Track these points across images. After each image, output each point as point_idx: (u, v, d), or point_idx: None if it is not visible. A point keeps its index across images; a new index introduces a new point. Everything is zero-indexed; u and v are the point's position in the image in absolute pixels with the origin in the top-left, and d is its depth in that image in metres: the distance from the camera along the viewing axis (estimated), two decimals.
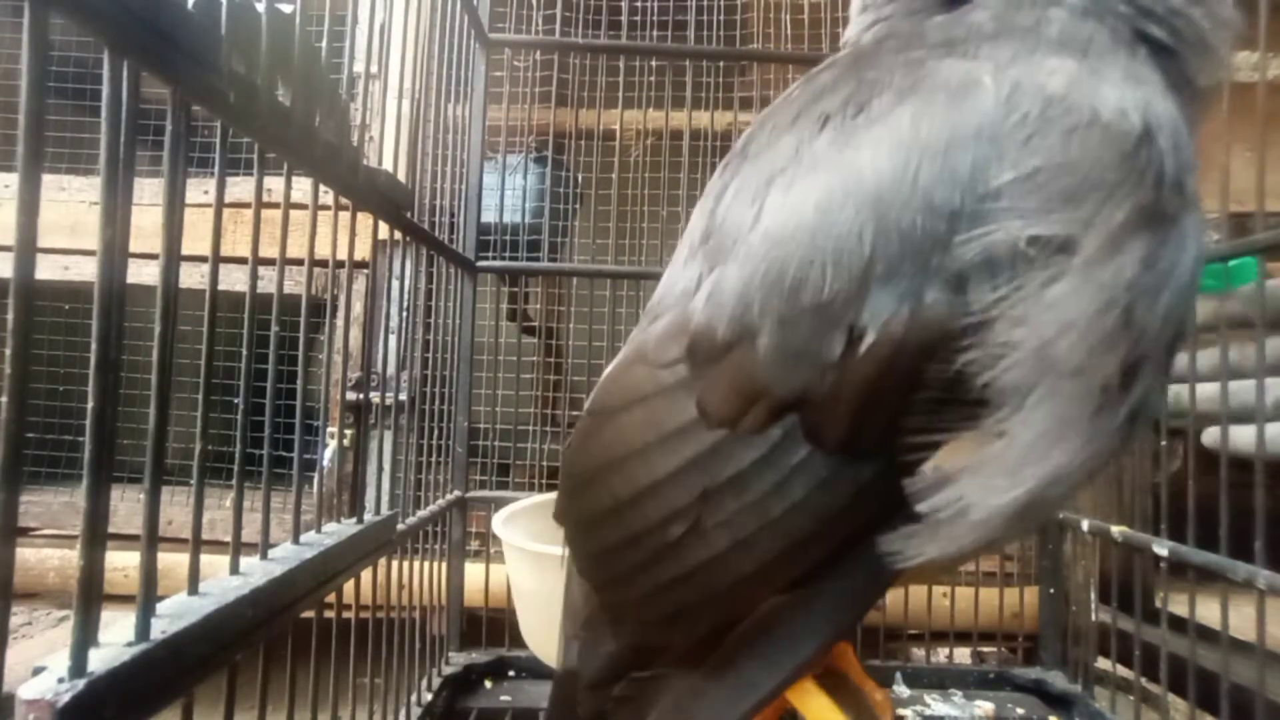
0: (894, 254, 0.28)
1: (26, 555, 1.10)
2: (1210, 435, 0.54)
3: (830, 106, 0.32)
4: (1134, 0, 0.32)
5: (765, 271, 0.31)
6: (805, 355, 0.30)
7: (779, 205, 0.32)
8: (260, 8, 0.32)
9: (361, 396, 0.54)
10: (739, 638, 0.34)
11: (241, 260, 0.75)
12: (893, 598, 0.83)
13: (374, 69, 0.50)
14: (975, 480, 0.29)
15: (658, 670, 0.36)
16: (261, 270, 0.33)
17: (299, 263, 0.39)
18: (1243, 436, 0.50)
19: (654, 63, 0.91)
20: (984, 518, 0.29)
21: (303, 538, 0.40)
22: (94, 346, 0.24)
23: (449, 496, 0.75)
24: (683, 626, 0.35)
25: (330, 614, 0.44)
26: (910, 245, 0.28)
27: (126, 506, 0.86)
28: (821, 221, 0.30)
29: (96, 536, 0.24)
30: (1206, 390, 0.54)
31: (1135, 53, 0.32)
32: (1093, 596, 0.79)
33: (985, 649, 0.91)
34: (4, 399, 0.20)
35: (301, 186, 0.38)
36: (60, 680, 0.22)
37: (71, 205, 1.16)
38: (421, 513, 0.64)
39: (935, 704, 0.73)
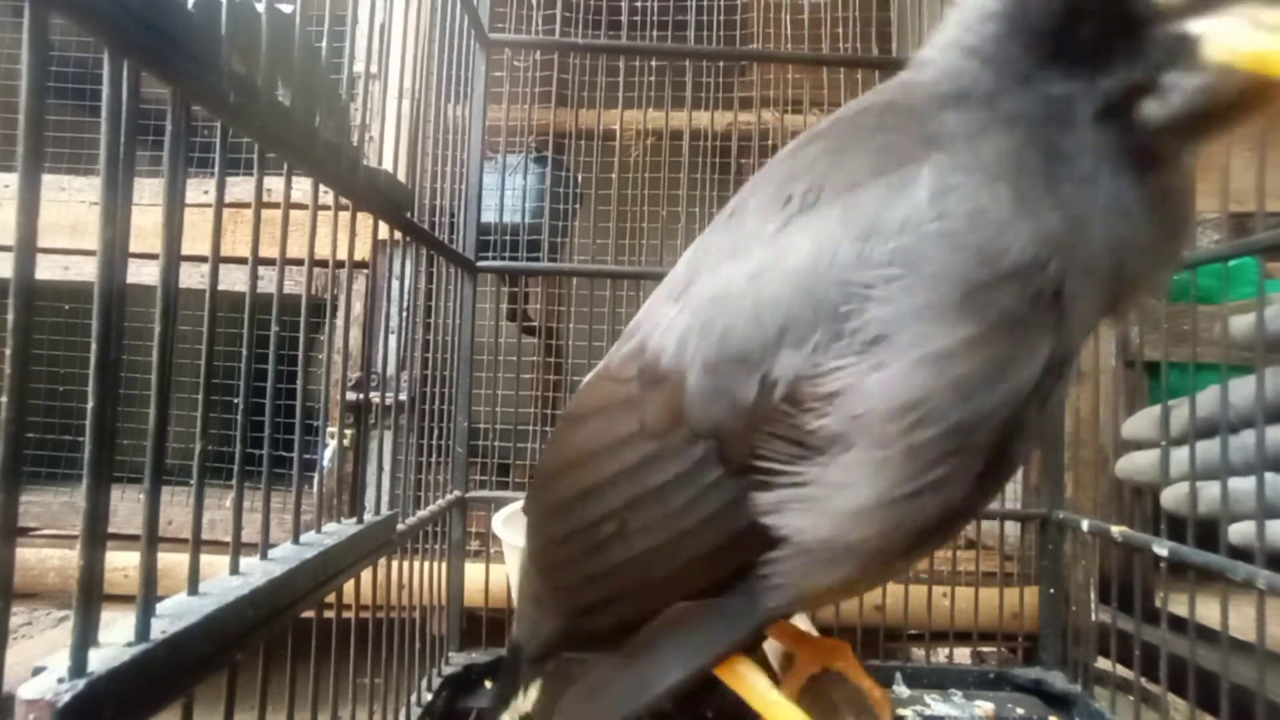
0: (806, 321, 0.33)
1: (26, 555, 1.10)
2: (1171, 497, 0.55)
3: (797, 189, 0.36)
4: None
5: (702, 323, 0.36)
6: (722, 395, 0.35)
7: (728, 272, 0.37)
8: (260, 8, 0.33)
9: (361, 396, 0.54)
10: (648, 636, 0.38)
11: (241, 260, 0.75)
12: (893, 598, 0.83)
13: (374, 69, 0.50)
14: (799, 511, 0.34)
15: (584, 654, 0.41)
16: (261, 270, 0.33)
17: (299, 263, 0.39)
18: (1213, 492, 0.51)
19: (654, 63, 0.91)
20: (809, 546, 0.34)
21: (303, 538, 0.40)
22: (94, 346, 0.24)
23: (449, 496, 0.75)
24: (603, 616, 0.40)
25: (330, 614, 0.44)
26: (822, 315, 0.32)
27: (126, 506, 0.86)
28: (753, 289, 0.35)
29: (96, 536, 0.24)
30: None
31: (1103, 141, 0.32)
32: (1093, 596, 0.79)
33: (985, 649, 0.91)
34: (4, 399, 0.20)
35: (301, 186, 0.38)
36: (60, 680, 0.22)
37: (71, 205, 1.17)
38: (421, 513, 0.64)
39: (935, 704, 0.73)
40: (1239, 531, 0.49)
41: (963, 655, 0.90)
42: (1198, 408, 0.53)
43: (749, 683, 0.40)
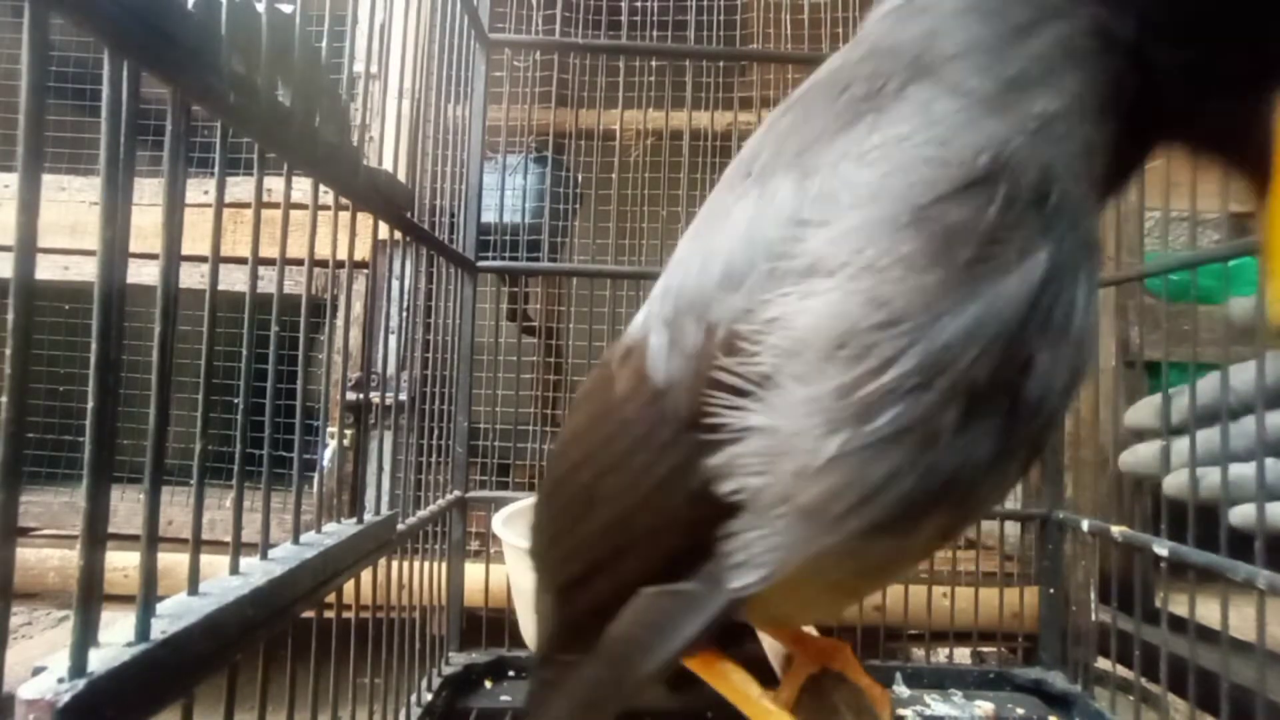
0: (744, 262, 0.32)
1: (26, 555, 1.10)
2: (1173, 484, 0.54)
3: (756, 164, 0.35)
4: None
5: (663, 289, 0.37)
6: (677, 347, 0.34)
7: (688, 243, 0.37)
8: (260, 8, 0.33)
9: (361, 396, 0.54)
10: (615, 627, 0.36)
11: (241, 260, 0.75)
12: (893, 598, 0.83)
13: (374, 69, 0.50)
14: (746, 466, 0.31)
15: (572, 655, 0.39)
16: (261, 270, 0.33)
17: (299, 263, 0.39)
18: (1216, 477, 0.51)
19: (654, 63, 0.91)
20: (761, 512, 0.31)
21: (303, 538, 0.40)
22: (94, 346, 0.24)
23: (449, 496, 0.75)
24: (577, 598, 0.39)
25: (330, 614, 0.44)
26: (758, 253, 0.31)
27: (126, 506, 0.86)
28: (705, 243, 0.35)
29: (96, 536, 0.24)
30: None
31: (1100, 67, 0.31)
32: (1093, 596, 0.79)
33: (985, 649, 0.91)
34: (4, 399, 0.20)
35: (301, 186, 0.38)
36: (60, 680, 0.22)
37: (71, 205, 1.17)
38: (421, 513, 0.64)
39: (935, 704, 0.73)
40: (1240, 514, 0.49)
41: (963, 655, 0.90)
42: (1198, 395, 0.53)
43: (740, 689, 0.40)
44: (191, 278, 0.59)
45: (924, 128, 0.29)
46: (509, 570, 0.64)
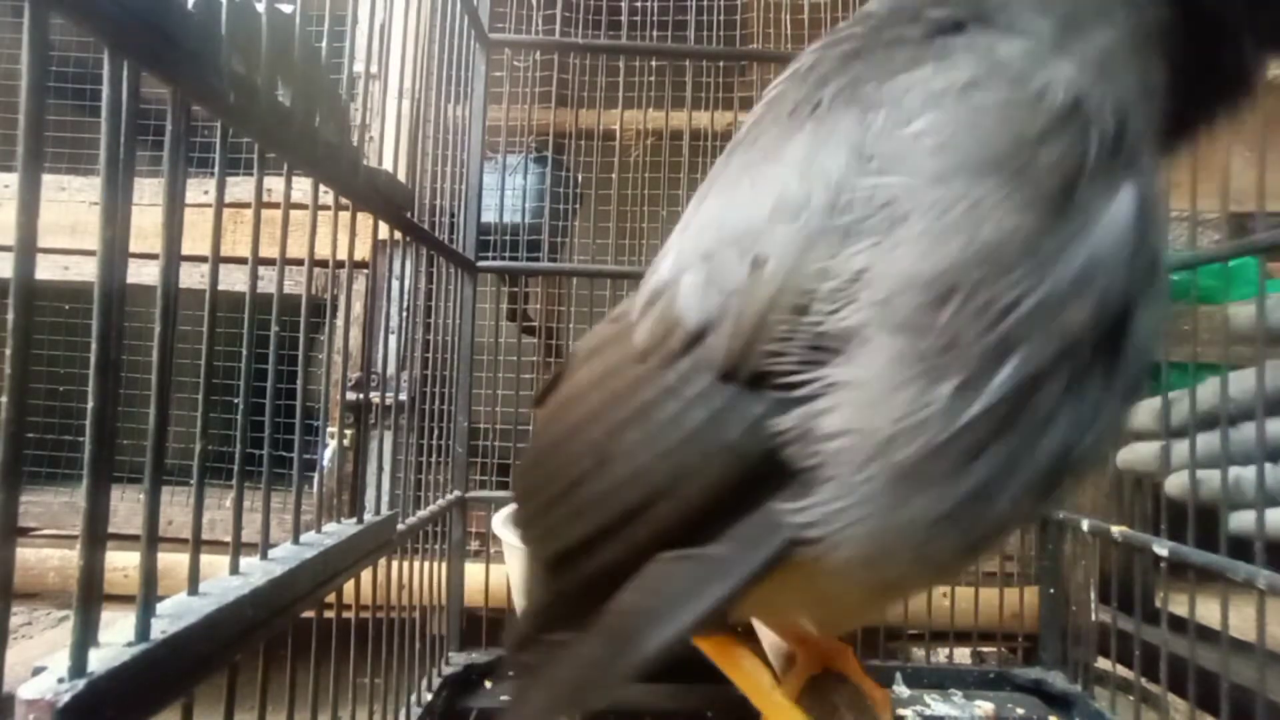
0: (799, 195, 0.30)
1: (26, 555, 1.10)
2: (1175, 485, 0.54)
3: (805, 105, 0.33)
4: None
5: (702, 222, 0.35)
6: (715, 283, 0.32)
7: (726, 186, 0.35)
8: (260, 8, 0.32)
9: (361, 396, 0.54)
10: (620, 600, 0.33)
11: (241, 260, 0.75)
12: None
13: (374, 69, 0.50)
14: (824, 430, 0.29)
15: (562, 635, 0.36)
16: (261, 270, 0.33)
17: (299, 263, 0.39)
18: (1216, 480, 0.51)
19: (654, 63, 0.91)
20: (839, 476, 0.28)
21: (303, 538, 0.40)
22: (94, 346, 0.24)
23: (449, 496, 0.75)
24: (577, 566, 0.35)
25: (330, 614, 0.44)
26: (816, 187, 0.30)
27: (126, 506, 0.86)
28: (752, 179, 0.33)
29: (96, 536, 0.24)
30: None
31: (1141, 24, 0.31)
32: (1093, 596, 0.79)
33: (985, 649, 0.91)
34: (4, 399, 0.20)
35: (301, 186, 0.38)
36: (60, 680, 0.22)
37: (71, 205, 1.16)
38: (421, 513, 0.64)
39: (935, 704, 0.73)
40: (1240, 519, 0.49)
41: (963, 655, 0.90)
42: (1198, 400, 0.53)
43: (753, 679, 0.39)
44: (191, 278, 0.59)
45: (995, 70, 0.29)
46: (509, 570, 0.64)
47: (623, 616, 0.33)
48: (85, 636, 0.23)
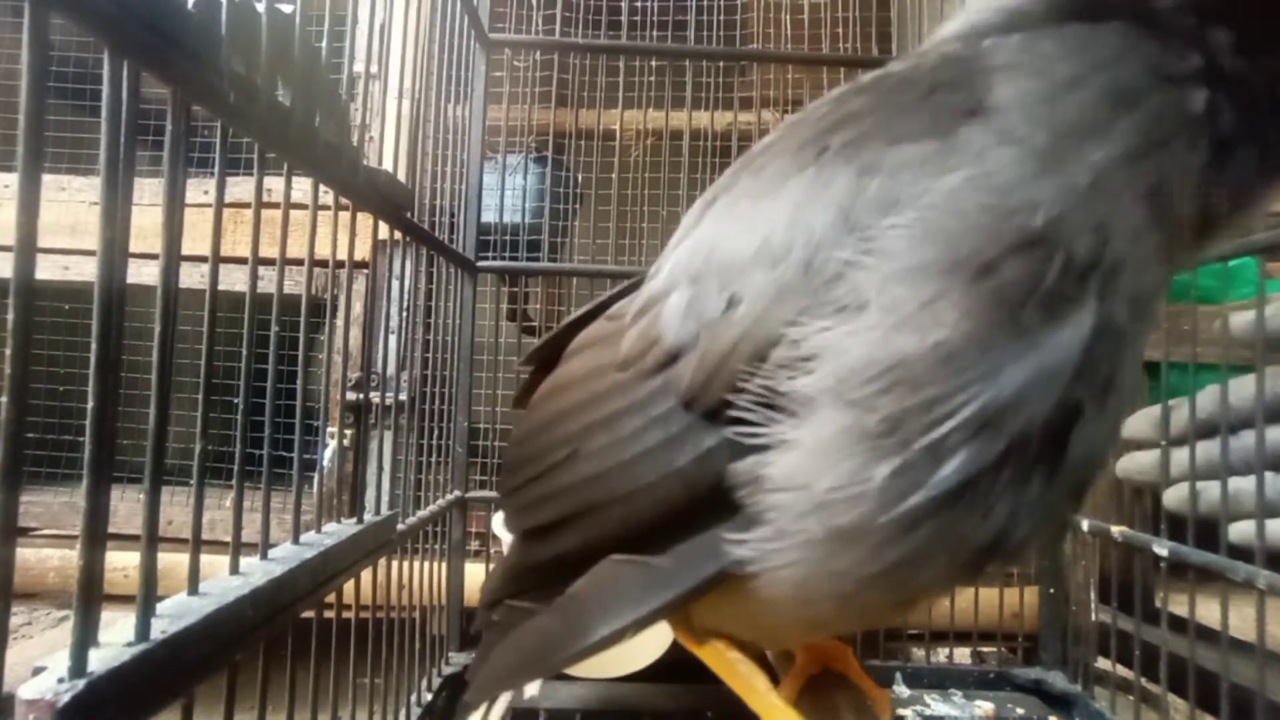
0: (781, 244, 0.31)
1: (26, 555, 1.10)
2: (1173, 498, 0.54)
3: (835, 140, 0.33)
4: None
5: (695, 243, 0.36)
6: (694, 311, 0.34)
7: (726, 207, 0.36)
8: (260, 8, 0.32)
9: (361, 396, 0.54)
10: (581, 588, 0.36)
11: (241, 260, 0.75)
12: None
13: (374, 69, 0.50)
14: (771, 481, 0.30)
15: (525, 604, 0.40)
16: (261, 270, 0.33)
17: (299, 263, 0.39)
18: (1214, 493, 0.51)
19: (654, 63, 0.91)
20: (779, 526, 0.30)
21: (303, 538, 0.40)
22: (94, 346, 0.24)
23: (449, 496, 0.75)
24: (546, 543, 0.39)
25: (330, 614, 0.44)
26: (798, 240, 0.31)
27: (126, 506, 0.86)
28: (748, 213, 0.34)
29: (96, 536, 0.24)
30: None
31: (1184, 109, 0.30)
32: (1093, 596, 0.79)
33: (985, 649, 0.91)
34: (4, 399, 0.20)
35: (301, 186, 0.38)
36: (60, 680, 0.22)
37: (71, 205, 1.17)
38: (421, 513, 0.64)
39: (935, 704, 0.73)
40: (1239, 531, 0.49)
41: (963, 655, 0.90)
42: (1198, 408, 0.53)
43: (748, 681, 0.40)
44: (191, 278, 0.59)
45: (982, 176, 0.29)
46: None
47: (577, 601, 0.36)
48: (85, 636, 0.23)
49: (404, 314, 0.72)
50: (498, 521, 0.65)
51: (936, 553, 0.30)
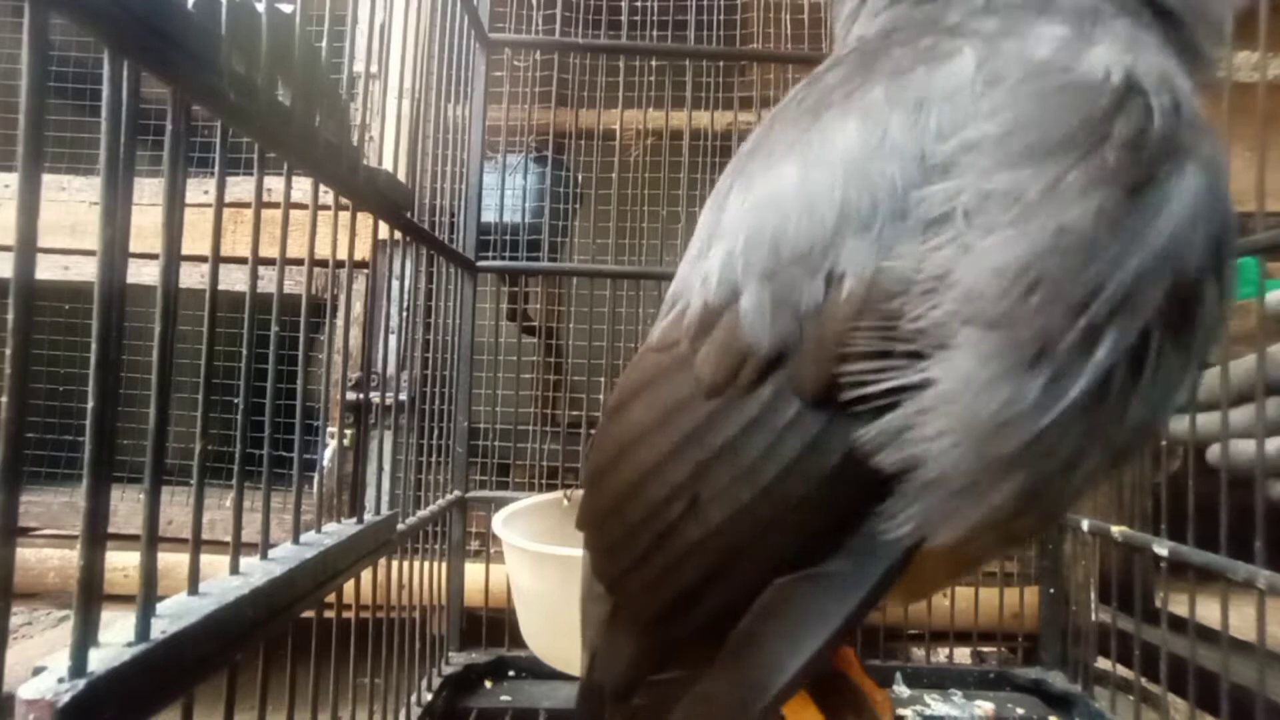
0: (865, 205, 0.30)
1: (26, 555, 1.09)
2: (1213, 453, 0.54)
3: (834, 97, 0.33)
4: None
5: (748, 236, 0.33)
6: (786, 306, 0.31)
7: (762, 180, 0.34)
8: (260, 8, 0.32)
9: (361, 396, 0.54)
10: (746, 632, 0.32)
11: (241, 260, 0.75)
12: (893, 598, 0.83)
13: (374, 69, 0.50)
14: (919, 433, 0.29)
15: (674, 674, 0.35)
16: (261, 270, 0.33)
17: (299, 263, 0.39)
18: (1244, 447, 0.50)
19: (654, 63, 0.91)
20: (938, 476, 0.28)
21: (303, 538, 0.40)
22: (94, 346, 0.24)
23: (449, 496, 0.75)
24: (686, 618, 0.34)
25: (330, 614, 0.44)
26: (881, 195, 0.29)
27: (126, 506, 0.86)
28: (799, 183, 0.32)
29: (96, 536, 0.24)
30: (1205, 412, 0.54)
31: (1139, 20, 0.32)
32: (1093, 596, 0.79)
33: (985, 649, 0.91)
34: (4, 399, 0.20)
35: (301, 186, 0.38)
36: (60, 680, 0.22)
37: (71, 205, 1.16)
38: (421, 513, 0.64)
39: (935, 704, 0.73)
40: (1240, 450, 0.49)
41: (963, 655, 0.90)
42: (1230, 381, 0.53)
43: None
44: (191, 278, 0.59)
45: (1037, 63, 0.29)
46: (509, 570, 0.64)
47: (750, 646, 0.32)
48: (85, 636, 0.23)
49: (404, 314, 0.72)
50: (498, 521, 0.65)
51: (1091, 450, 0.29)
